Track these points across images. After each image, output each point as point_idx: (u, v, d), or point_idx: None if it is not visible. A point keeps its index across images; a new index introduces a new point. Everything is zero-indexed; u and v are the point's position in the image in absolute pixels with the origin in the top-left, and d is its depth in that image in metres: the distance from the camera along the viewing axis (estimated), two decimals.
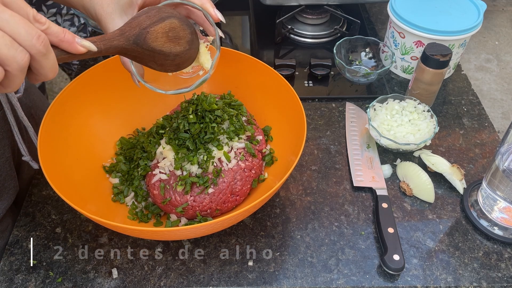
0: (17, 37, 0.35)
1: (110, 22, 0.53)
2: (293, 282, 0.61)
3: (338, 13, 1.01)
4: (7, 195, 0.69)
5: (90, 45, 0.41)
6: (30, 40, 0.35)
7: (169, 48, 0.50)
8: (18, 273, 0.62)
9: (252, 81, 0.74)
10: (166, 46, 0.50)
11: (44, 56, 0.37)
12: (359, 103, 0.88)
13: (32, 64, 0.37)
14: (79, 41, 0.40)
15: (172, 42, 0.50)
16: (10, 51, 0.34)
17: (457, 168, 0.71)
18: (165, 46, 0.49)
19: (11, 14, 0.34)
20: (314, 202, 0.71)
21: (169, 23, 0.49)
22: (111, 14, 0.53)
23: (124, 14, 0.53)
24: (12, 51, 0.34)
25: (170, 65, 0.52)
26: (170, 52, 0.50)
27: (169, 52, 0.50)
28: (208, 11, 0.55)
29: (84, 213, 0.52)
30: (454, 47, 0.85)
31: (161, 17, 0.49)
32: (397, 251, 0.61)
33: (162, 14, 0.49)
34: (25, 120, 0.67)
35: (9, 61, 0.34)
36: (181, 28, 0.51)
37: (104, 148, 0.71)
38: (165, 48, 0.50)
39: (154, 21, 0.48)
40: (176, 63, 0.53)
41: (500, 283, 0.61)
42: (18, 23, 0.35)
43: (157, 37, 0.48)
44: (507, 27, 2.68)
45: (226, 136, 0.65)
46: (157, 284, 0.61)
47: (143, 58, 0.50)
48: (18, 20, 0.35)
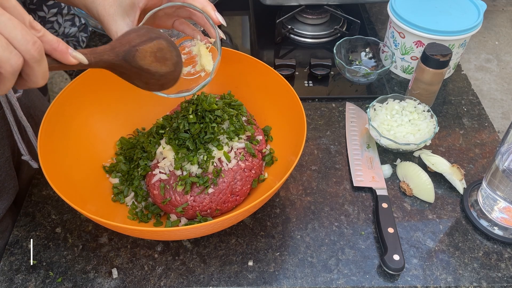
0: (13, 40, 0.35)
1: (113, 23, 0.53)
2: (293, 282, 0.61)
3: (338, 13, 1.01)
4: (7, 195, 0.69)
5: (82, 57, 0.42)
6: (25, 45, 0.35)
7: (155, 68, 0.51)
8: (18, 273, 0.62)
9: (252, 81, 0.74)
10: (153, 65, 0.51)
11: (38, 63, 0.37)
12: (359, 103, 0.88)
13: (24, 70, 0.37)
14: (72, 52, 0.40)
15: (159, 62, 0.51)
16: (5, 53, 0.34)
17: (457, 168, 0.71)
18: (152, 65, 0.51)
19: (9, 18, 0.35)
20: (314, 202, 0.71)
21: (158, 43, 0.51)
22: (113, 16, 0.53)
23: (126, 15, 0.54)
24: (7, 53, 0.34)
25: (154, 84, 0.54)
26: (156, 72, 0.52)
27: (155, 71, 0.52)
28: (209, 14, 0.55)
29: (84, 213, 0.52)
30: (454, 47, 0.85)
31: (150, 37, 0.50)
32: (397, 251, 0.61)
33: (151, 34, 0.51)
34: (24, 120, 0.67)
35: (2, 63, 0.35)
36: (168, 50, 0.52)
37: (104, 148, 0.71)
38: (152, 67, 0.51)
39: (143, 40, 0.50)
40: (160, 83, 0.54)
41: (500, 283, 0.61)
42: (16, 27, 0.35)
43: (145, 56, 0.50)
44: (507, 27, 2.68)
45: (226, 136, 0.65)
46: (157, 284, 0.61)
47: (130, 75, 0.51)
48: (16, 24, 0.35)
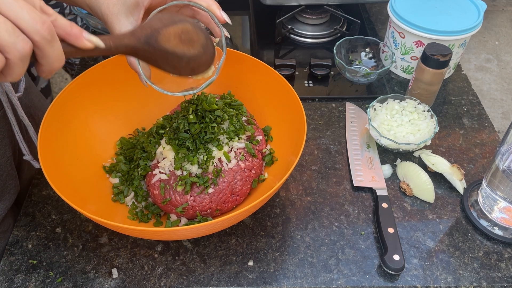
0: (20, 22, 0.34)
1: (117, 22, 0.53)
2: (293, 282, 0.61)
3: (338, 13, 1.01)
4: (8, 195, 0.69)
5: (97, 40, 0.40)
6: (33, 26, 0.34)
7: (182, 50, 0.49)
8: (18, 273, 0.62)
9: (252, 81, 0.74)
10: (179, 48, 0.49)
11: (49, 44, 0.36)
12: (359, 103, 0.88)
13: (36, 53, 0.36)
14: (86, 36, 0.39)
15: (185, 45, 0.49)
16: (11, 38, 0.33)
17: (457, 168, 0.71)
18: (178, 47, 0.49)
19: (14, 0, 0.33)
20: (314, 202, 0.71)
21: (182, 26, 0.49)
22: (117, 15, 0.53)
23: (130, 15, 0.53)
24: (13, 37, 0.33)
25: (185, 68, 0.51)
26: (183, 54, 0.50)
27: (183, 54, 0.49)
28: (214, 12, 0.55)
29: (84, 213, 0.52)
30: (454, 47, 0.85)
31: (174, 21, 0.48)
32: (397, 251, 0.61)
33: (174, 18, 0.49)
34: (25, 119, 0.67)
35: (9, 48, 0.33)
36: (194, 32, 0.50)
37: (104, 148, 0.71)
38: (178, 50, 0.49)
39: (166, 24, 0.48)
40: (191, 67, 0.52)
41: (500, 283, 0.61)
42: (22, 7, 0.34)
43: (170, 39, 0.48)
44: (507, 27, 2.68)
45: (226, 136, 0.65)
46: (157, 284, 0.61)
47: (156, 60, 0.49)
48: (23, 5, 0.34)
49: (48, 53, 0.36)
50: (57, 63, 0.37)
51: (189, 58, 0.51)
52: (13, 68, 0.35)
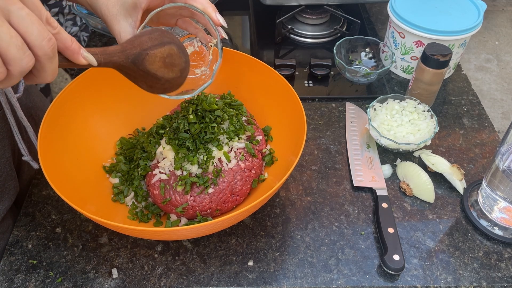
0: (29, 36, 0.35)
1: (116, 23, 0.54)
2: (293, 282, 0.61)
3: (338, 13, 1.01)
4: (7, 196, 0.69)
5: (92, 59, 0.42)
6: (40, 41, 0.35)
7: (162, 73, 0.52)
8: (18, 273, 0.62)
9: (252, 81, 0.74)
10: (160, 70, 0.51)
11: (50, 60, 0.37)
12: (359, 103, 0.88)
13: (35, 66, 0.37)
14: (83, 53, 0.41)
15: (166, 68, 0.52)
16: (19, 53, 0.34)
17: (457, 168, 0.71)
18: (159, 70, 0.51)
19: (28, 13, 0.35)
20: (314, 202, 0.71)
21: (169, 49, 0.51)
22: (116, 16, 0.54)
23: (129, 16, 0.55)
24: (21, 53, 0.34)
25: (159, 88, 0.54)
26: (162, 77, 0.52)
27: (162, 76, 0.52)
28: (210, 15, 0.55)
29: (84, 213, 0.52)
30: (454, 47, 0.85)
31: (162, 42, 0.51)
32: (397, 251, 0.61)
33: (164, 38, 0.51)
34: (24, 120, 0.67)
35: (14, 62, 0.35)
36: (177, 56, 0.53)
37: (104, 148, 0.71)
38: (159, 72, 0.51)
39: (155, 44, 0.50)
40: (164, 87, 0.54)
41: (500, 283, 0.61)
42: (33, 22, 0.35)
43: (155, 61, 0.50)
44: (507, 27, 2.68)
45: (226, 136, 0.65)
46: (157, 284, 0.61)
47: (136, 77, 0.51)
48: (34, 19, 0.35)
49: (46, 68, 0.37)
50: (51, 78, 0.39)
51: (166, 80, 0.53)
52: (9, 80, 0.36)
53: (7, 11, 0.33)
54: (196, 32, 0.62)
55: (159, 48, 0.50)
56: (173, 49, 0.52)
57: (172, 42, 0.52)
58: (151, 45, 0.50)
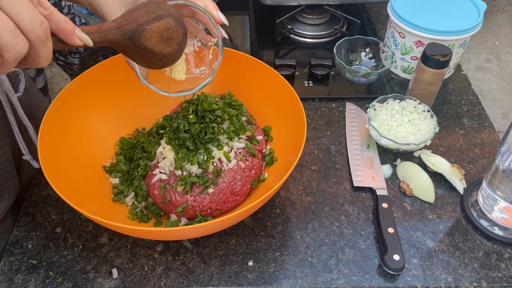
0: (20, 21, 0.34)
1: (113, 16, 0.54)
2: (293, 282, 0.61)
3: (338, 13, 1.01)
4: (8, 195, 0.69)
5: (87, 39, 0.41)
6: (32, 26, 0.34)
7: (160, 48, 0.51)
8: (18, 273, 0.62)
9: (252, 81, 0.74)
10: (157, 46, 0.50)
11: (43, 44, 0.36)
12: (359, 103, 0.88)
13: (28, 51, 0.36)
14: (78, 33, 0.39)
15: (163, 43, 0.51)
16: (12, 39, 0.33)
17: (457, 168, 0.71)
18: (156, 46, 0.50)
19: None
20: (314, 202, 0.71)
21: (165, 22, 0.50)
22: (116, 14, 0.54)
23: None
24: (14, 38, 0.33)
25: (156, 63, 0.53)
26: (159, 52, 0.51)
27: (159, 52, 0.51)
28: (212, 13, 0.55)
29: (84, 213, 0.52)
30: (454, 47, 0.85)
31: (159, 15, 0.50)
32: (397, 251, 0.61)
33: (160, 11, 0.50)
34: (25, 119, 0.67)
35: (8, 48, 0.34)
36: (175, 29, 0.52)
37: (104, 148, 0.71)
38: (156, 48, 0.50)
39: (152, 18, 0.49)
40: (162, 62, 0.54)
41: (500, 283, 0.61)
42: (23, 6, 0.34)
43: (151, 36, 0.49)
44: (507, 27, 2.68)
45: (226, 136, 0.65)
46: (157, 284, 0.61)
47: (133, 54, 0.50)
48: (24, 3, 0.34)
49: (40, 52, 0.36)
50: (45, 62, 0.38)
51: (163, 55, 0.52)
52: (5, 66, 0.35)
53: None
54: (196, 32, 0.62)
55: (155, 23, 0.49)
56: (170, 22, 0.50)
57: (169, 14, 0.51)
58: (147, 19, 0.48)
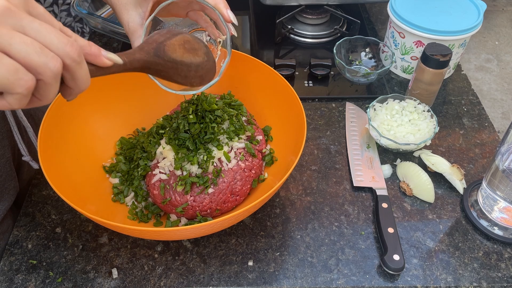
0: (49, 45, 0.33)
1: (125, 13, 0.55)
2: (293, 282, 0.61)
3: (338, 13, 1.01)
4: (7, 196, 0.69)
5: (115, 57, 0.40)
6: (63, 48, 0.33)
7: (189, 58, 0.51)
8: (18, 273, 0.62)
9: (252, 81, 0.74)
10: (185, 56, 0.51)
11: (78, 65, 0.35)
12: (359, 103, 0.88)
13: (65, 76, 0.35)
14: (104, 54, 0.39)
15: (190, 53, 0.51)
16: (41, 58, 0.32)
17: (457, 168, 0.71)
18: (184, 56, 0.51)
19: (40, 23, 0.33)
20: (314, 202, 0.71)
21: (182, 37, 0.51)
22: (126, 5, 0.54)
23: (139, 6, 0.55)
24: (43, 57, 0.32)
25: (194, 76, 0.53)
26: (191, 63, 0.52)
27: (190, 62, 0.51)
28: (221, 11, 0.55)
29: (84, 213, 0.52)
30: (454, 47, 0.85)
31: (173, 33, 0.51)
32: (397, 251, 0.61)
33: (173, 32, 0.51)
34: (24, 120, 0.67)
35: (41, 69, 0.32)
36: (194, 41, 0.53)
37: (104, 148, 0.71)
38: (185, 58, 0.51)
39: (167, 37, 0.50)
40: (199, 75, 0.53)
41: (500, 283, 0.61)
42: (49, 31, 0.33)
43: (175, 49, 0.50)
44: (507, 27, 2.68)
45: (226, 136, 0.65)
46: (157, 284, 0.61)
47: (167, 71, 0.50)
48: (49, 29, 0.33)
49: (78, 75, 0.35)
50: (85, 85, 0.37)
51: (197, 66, 0.53)
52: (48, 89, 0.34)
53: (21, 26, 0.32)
54: (206, 26, 0.62)
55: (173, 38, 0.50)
56: (186, 36, 0.51)
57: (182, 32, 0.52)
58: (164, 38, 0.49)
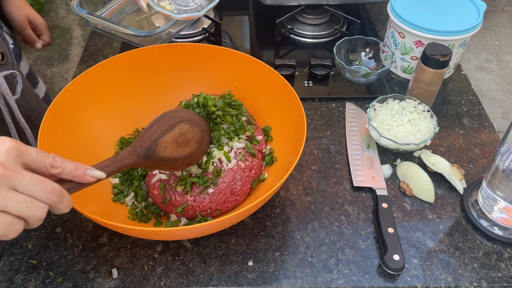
0: (35, 195, 0.42)
1: None
2: (293, 282, 0.61)
3: (338, 13, 1.01)
4: None
5: (99, 174, 0.47)
6: (46, 196, 0.42)
7: (178, 153, 0.54)
8: (18, 273, 0.62)
9: (252, 81, 0.74)
10: (175, 152, 0.53)
11: (60, 203, 0.44)
12: (359, 103, 0.88)
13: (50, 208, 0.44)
14: (89, 173, 0.47)
15: (181, 147, 0.54)
16: (31, 211, 0.42)
17: (457, 168, 0.71)
18: (174, 153, 0.53)
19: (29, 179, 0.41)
20: (314, 202, 0.71)
21: (179, 129, 0.53)
22: None
23: None
24: (33, 210, 0.42)
25: (181, 165, 0.56)
26: (179, 156, 0.54)
27: (179, 156, 0.54)
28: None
29: (84, 213, 0.52)
30: (454, 47, 0.85)
31: (171, 125, 0.53)
32: (397, 251, 0.61)
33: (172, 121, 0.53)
34: (22, 122, 0.67)
35: (31, 219, 0.42)
36: (190, 131, 0.54)
37: (104, 148, 0.71)
38: (174, 154, 0.53)
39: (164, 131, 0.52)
40: (187, 162, 0.56)
41: (500, 283, 0.61)
42: (35, 185, 0.42)
43: (166, 147, 0.52)
44: (507, 27, 2.68)
45: (226, 136, 0.65)
46: (157, 284, 0.61)
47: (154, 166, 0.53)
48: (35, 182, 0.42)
49: (60, 207, 0.44)
50: (67, 209, 0.45)
51: (185, 157, 0.55)
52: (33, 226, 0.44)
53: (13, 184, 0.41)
54: None
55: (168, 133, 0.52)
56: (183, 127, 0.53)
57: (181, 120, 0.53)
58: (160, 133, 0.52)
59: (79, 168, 0.46)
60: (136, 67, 0.74)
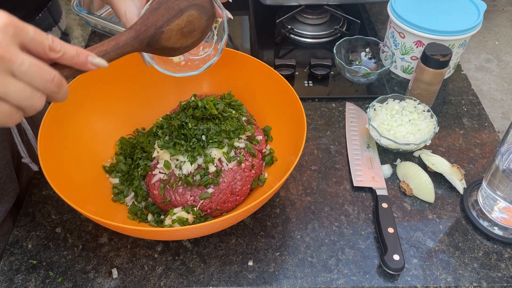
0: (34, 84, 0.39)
1: (122, 4, 0.55)
2: (293, 282, 0.61)
3: (338, 13, 1.01)
4: (7, 198, 0.69)
5: (101, 63, 0.44)
6: (44, 85, 0.40)
7: (180, 43, 0.51)
8: (18, 273, 0.62)
9: (252, 81, 0.74)
10: (178, 43, 0.50)
11: (57, 92, 0.41)
12: (359, 103, 0.88)
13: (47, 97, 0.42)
14: (91, 60, 0.43)
15: (184, 38, 0.51)
16: (30, 102, 0.39)
17: (457, 168, 0.71)
18: (177, 43, 0.50)
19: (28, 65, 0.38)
20: (314, 202, 0.71)
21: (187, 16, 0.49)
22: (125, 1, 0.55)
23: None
24: (32, 101, 0.39)
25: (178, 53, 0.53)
26: (180, 47, 0.51)
27: (179, 47, 0.51)
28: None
29: (84, 213, 0.52)
30: (454, 47, 0.85)
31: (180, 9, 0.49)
32: (397, 251, 0.61)
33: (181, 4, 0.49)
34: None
35: (29, 109, 0.40)
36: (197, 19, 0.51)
37: (104, 148, 0.71)
38: (176, 44, 0.50)
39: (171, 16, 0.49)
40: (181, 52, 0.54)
41: (500, 283, 0.61)
42: (34, 71, 0.39)
43: (171, 36, 0.49)
44: (507, 27, 2.68)
45: (226, 136, 0.65)
46: (157, 284, 0.61)
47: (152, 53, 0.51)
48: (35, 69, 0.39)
49: (57, 97, 0.42)
50: (64, 99, 0.43)
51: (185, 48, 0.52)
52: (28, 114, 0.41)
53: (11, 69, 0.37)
54: None
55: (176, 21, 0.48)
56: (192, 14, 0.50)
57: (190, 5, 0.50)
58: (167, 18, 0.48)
59: (81, 55, 0.42)
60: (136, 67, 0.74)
